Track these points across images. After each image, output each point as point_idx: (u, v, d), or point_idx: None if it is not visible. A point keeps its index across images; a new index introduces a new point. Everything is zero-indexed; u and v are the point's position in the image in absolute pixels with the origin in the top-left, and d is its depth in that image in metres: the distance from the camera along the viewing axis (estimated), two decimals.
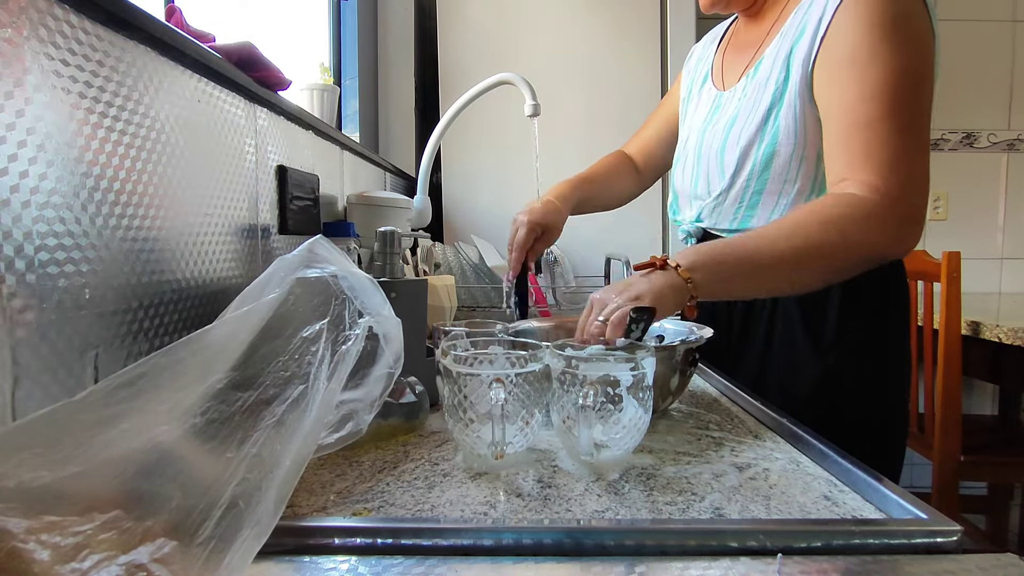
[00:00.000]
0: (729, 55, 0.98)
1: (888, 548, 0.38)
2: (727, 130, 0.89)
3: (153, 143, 0.59)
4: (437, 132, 1.29)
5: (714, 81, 0.99)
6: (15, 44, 0.43)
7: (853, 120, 0.75)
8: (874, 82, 0.74)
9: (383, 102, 2.03)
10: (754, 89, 0.87)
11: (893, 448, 0.88)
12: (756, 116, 0.85)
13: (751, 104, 0.86)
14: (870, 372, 0.86)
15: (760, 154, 0.84)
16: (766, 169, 0.84)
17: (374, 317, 0.51)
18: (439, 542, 0.38)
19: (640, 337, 0.59)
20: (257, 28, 1.30)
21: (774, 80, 0.84)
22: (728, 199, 0.89)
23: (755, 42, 0.91)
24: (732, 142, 0.87)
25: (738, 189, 0.87)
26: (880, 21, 0.74)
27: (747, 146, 0.85)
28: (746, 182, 0.86)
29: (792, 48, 0.83)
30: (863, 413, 0.84)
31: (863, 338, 0.85)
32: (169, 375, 0.41)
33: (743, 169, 0.86)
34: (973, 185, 2.49)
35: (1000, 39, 2.46)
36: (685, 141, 1.01)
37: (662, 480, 0.49)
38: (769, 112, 0.84)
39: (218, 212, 0.72)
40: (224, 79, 0.74)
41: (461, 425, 0.51)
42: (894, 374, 0.89)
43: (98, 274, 0.51)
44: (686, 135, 1.02)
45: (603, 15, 2.01)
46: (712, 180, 0.91)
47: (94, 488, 0.34)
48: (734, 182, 0.87)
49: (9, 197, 0.42)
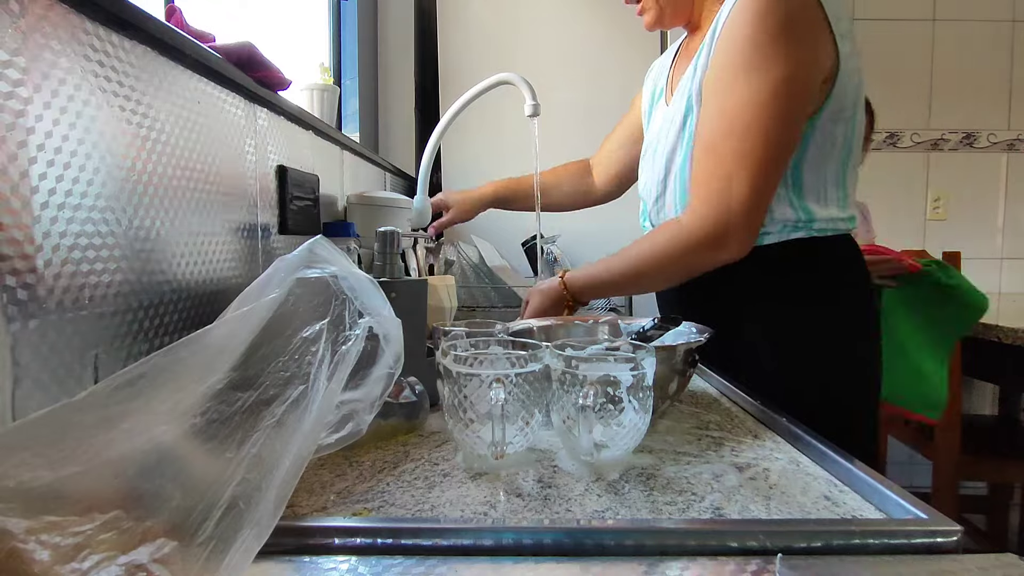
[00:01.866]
0: (677, 68, 1.02)
1: (888, 548, 0.38)
2: (658, 142, 0.96)
3: (153, 143, 0.59)
4: (437, 132, 1.29)
5: (666, 96, 1.03)
6: (14, 44, 0.42)
7: (703, 140, 0.83)
8: (728, 102, 0.80)
9: (383, 102, 2.03)
10: (677, 101, 0.93)
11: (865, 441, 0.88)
12: (675, 125, 0.91)
13: (672, 115, 0.92)
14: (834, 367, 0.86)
15: (680, 159, 0.90)
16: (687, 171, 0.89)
17: (374, 317, 0.51)
18: (439, 542, 0.38)
19: None
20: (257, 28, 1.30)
21: (687, 88, 0.89)
22: (665, 203, 0.96)
23: (692, 52, 0.94)
24: (660, 153, 0.94)
25: (669, 192, 0.94)
26: (753, 35, 0.78)
27: (670, 154, 0.92)
28: (674, 185, 0.92)
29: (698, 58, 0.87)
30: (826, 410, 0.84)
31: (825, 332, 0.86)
32: (169, 375, 0.41)
33: (670, 175, 0.93)
34: (973, 185, 2.49)
35: (1000, 39, 2.46)
36: (644, 154, 1.06)
37: (662, 480, 0.49)
38: (684, 120, 0.89)
39: (218, 212, 0.72)
40: (224, 79, 0.74)
41: (461, 425, 0.51)
42: (865, 367, 0.89)
43: (99, 274, 0.51)
44: (644, 148, 1.06)
45: (603, 15, 2.01)
46: (651, 187, 0.98)
47: (94, 488, 0.34)
48: (665, 187, 0.94)
49: (9, 197, 0.42)
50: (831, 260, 0.87)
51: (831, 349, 0.86)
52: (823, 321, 0.87)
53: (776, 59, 0.76)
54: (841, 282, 0.88)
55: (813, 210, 0.85)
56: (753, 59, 0.77)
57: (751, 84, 0.77)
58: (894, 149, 2.48)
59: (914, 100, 2.47)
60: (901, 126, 2.48)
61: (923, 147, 2.50)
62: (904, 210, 2.50)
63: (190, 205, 0.66)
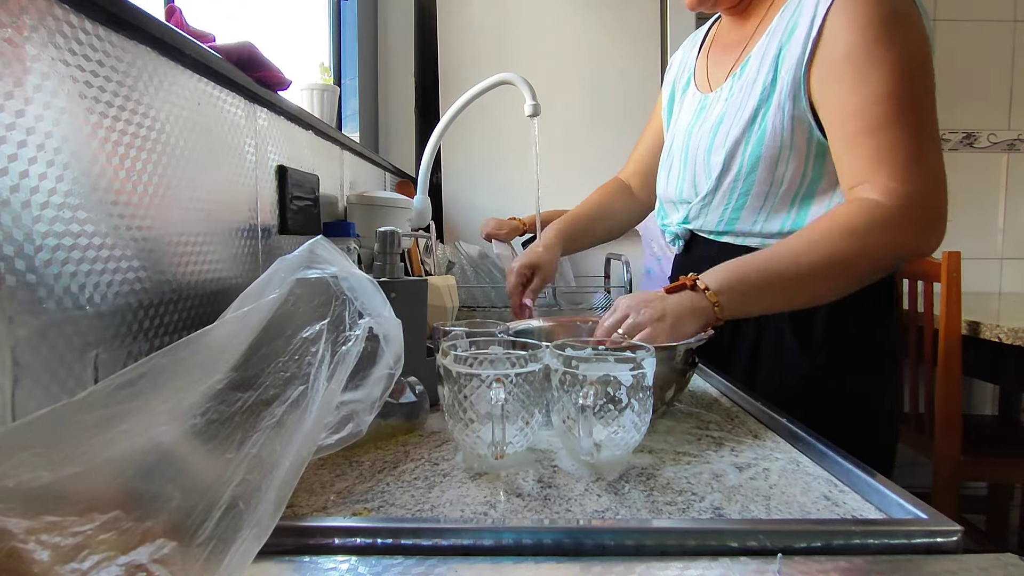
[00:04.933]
0: (713, 56, 0.97)
1: (888, 548, 0.38)
2: (714, 131, 0.88)
3: (153, 143, 0.59)
4: (437, 132, 1.29)
5: (698, 84, 0.98)
6: (15, 44, 0.43)
7: (862, 125, 0.74)
8: (877, 85, 0.73)
9: (383, 102, 2.03)
10: (740, 89, 0.86)
11: (884, 448, 0.88)
12: (743, 117, 0.84)
13: (737, 104, 0.86)
14: (859, 371, 0.85)
15: (747, 155, 0.84)
16: (753, 171, 0.83)
17: (374, 318, 0.51)
18: (439, 542, 0.38)
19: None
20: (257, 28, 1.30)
21: (761, 80, 0.83)
22: (715, 200, 0.89)
23: (741, 41, 0.90)
24: (719, 143, 0.87)
25: (724, 190, 0.87)
26: (874, 21, 0.74)
27: (734, 147, 0.85)
28: (732, 183, 0.86)
29: (781, 49, 0.82)
30: (852, 413, 0.84)
31: (852, 337, 0.85)
32: (169, 375, 0.41)
33: (730, 170, 0.86)
34: (973, 185, 2.49)
35: (1000, 39, 2.46)
36: (670, 146, 1.00)
37: (662, 480, 0.49)
38: (756, 113, 0.83)
39: (218, 212, 0.72)
40: (224, 79, 0.74)
41: (461, 425, 0.51)
42: (884, 374, 0.88)
43: (99, 274, 0.51)
44: (670, 140, 1.01)
45: (603, 15, 2.01)
46: (699, 182, 0.91)
47: (94, 488, 0.34)
48: (720, 183, 0.87)
49: (9, 197, 0.42)
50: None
51: (862, 352, 0.86)
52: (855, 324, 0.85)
53: (908, 32, 0.74)
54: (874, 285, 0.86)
55: None
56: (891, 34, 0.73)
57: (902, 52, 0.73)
58: None
59: None
60: None
61: None
62: None
63: (190, 205, 0.66)
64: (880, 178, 0.73)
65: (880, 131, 0.73)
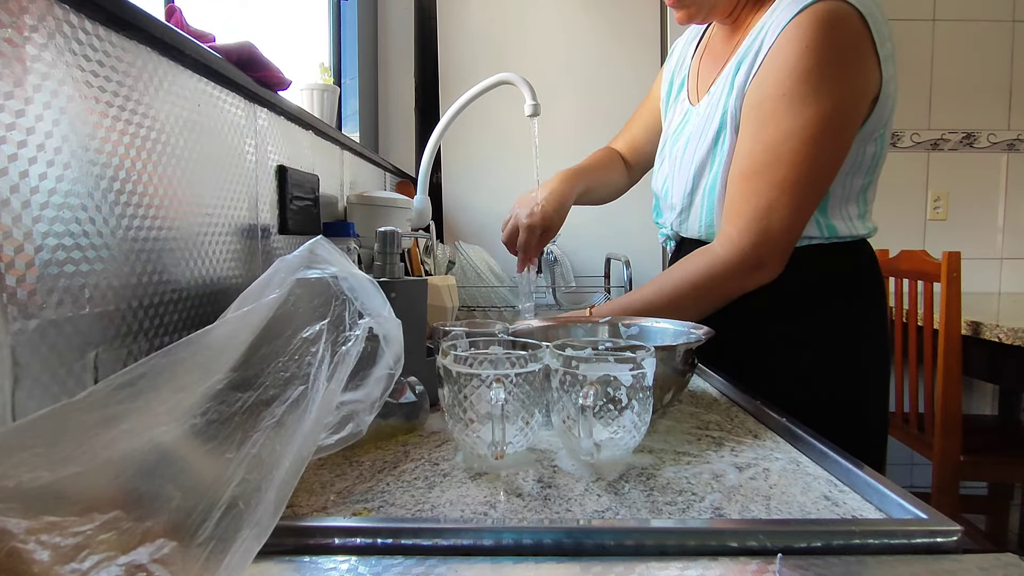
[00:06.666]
0: (704, 64, 0.98)
1: (888, 548, 0.38)
2: (684, 149, 0.92)
3: (153, 143, 0.59)
4: (437, 132, 1.29)
5: (688, 92, 0.99)
6: (15, 44, 0.43)
7: (742, 168, 0.80)
8: (770, 134, 0.77)
9: (383, 102, 2.03)
10: (707, 109, 0.89)
11: (874, 445, 0.88)
12: (706, 139, 0.87)
13: (703, 125, 0.89)
14: (846, 369, 0.86)
15: (712, 177, 0.87)
16: (718, 190, 0.86)
17: (374, 318, 0.51)
18: (439, 542, 0.38)
19: None
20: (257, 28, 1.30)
21: (722, 103, 0.85)
22: (691, 216, 0.93)
23: (724, 54, 0.91)
24: (687, 163, 0.91)
25: (696, 207, 0.91)
26: (794, 73, 0.75)
27: (700, 168, 0.89)
28: (703, 201, 0.89)
29: (737, 71, 0.83)
30: (839, 410, 0.84)
31: (836, 333, 0.86)
32: (169, 375, 0.41)
33: (698, 189, 0.90)
34: (973, 185, 2.49)
35: (1000, 39, 2.46)
36: (662, 147, 1.02)
37: (662, 480, 0.49)
38: (717, 136, 0.86)
39: (218, 212, 0.72)
40: (224, 79, 0.74)
41: (461, 425, 0.51)
42: (872, 369, 0.89)
43: (99, 274, 0.51)
44: (663, 142, 1.02)
45: (603, 15, 2.01)
46: (675, 196, 0.95)
47: (94, 488, 0.34)
48: (692, 200, 0.91)
49: (9, 197, 0.42)
50: (848, 262, 0.87)
51: (847, 348, 0.87)
52: (838, 321, 0.86)
53: (826, 91, 0.75)
54: (857, 282, 0.88)
55: (836, 227, 0.85)
56: (802, 90, 0.75)
57: (799, 116, 0.75)
58: (894, 149, 2.48)
59: (914, 100, 2.47)
60: (901, 126, 2.48)
61: (923, 147, 2.50)
62: (904, 210, 2.50)
63: (190, 205, 0.66)
64: (727, 226, 0.82)
65: (751, 178, 0.79)
